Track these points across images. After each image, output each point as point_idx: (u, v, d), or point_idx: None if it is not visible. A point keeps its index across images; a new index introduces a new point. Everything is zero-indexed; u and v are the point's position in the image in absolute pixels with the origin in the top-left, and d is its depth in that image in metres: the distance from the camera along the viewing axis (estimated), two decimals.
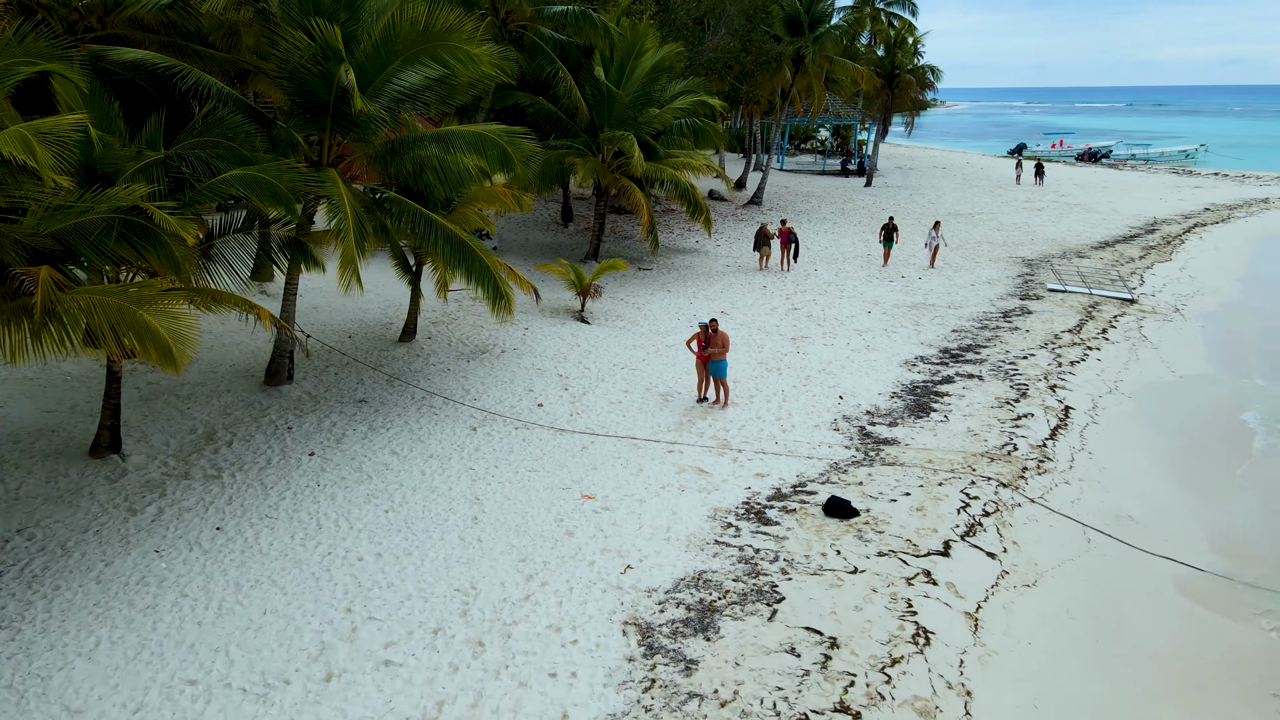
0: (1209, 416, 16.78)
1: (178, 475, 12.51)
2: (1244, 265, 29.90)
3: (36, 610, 9.43)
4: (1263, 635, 10.19)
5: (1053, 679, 9.00)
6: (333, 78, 12.86)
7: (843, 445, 14.44)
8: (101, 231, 10.12)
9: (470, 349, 18.42)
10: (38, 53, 10.34)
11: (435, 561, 10.69)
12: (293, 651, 8.99)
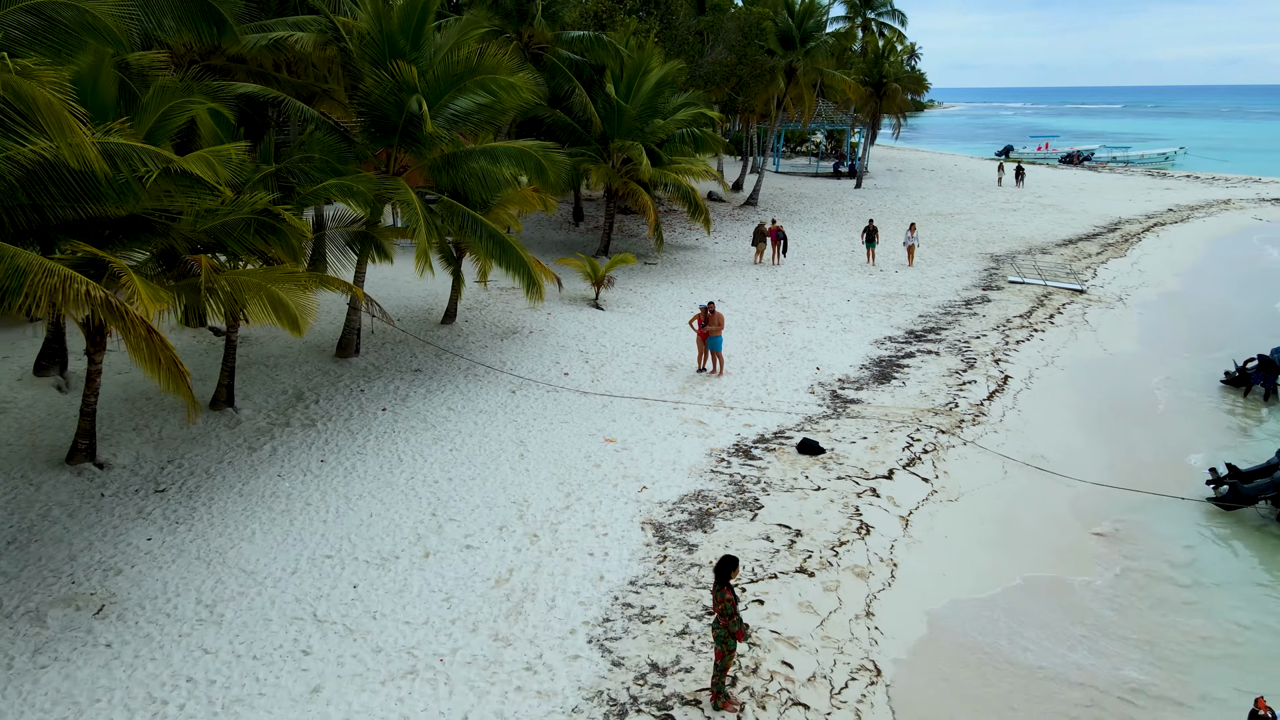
0: (1126, 385, 19.92)
1: (280, 424, 15.65)
2: (1191, 261, 33.04)
3: (200, 514, 12.58)
4: (1109, 525, 13.40)
5: (958, 557, 12.18)
6: (404, 105, 16.00)
7: (816, 404, 17.61)
8: (242, 228, 13.26)
9: (502, 330, 21.55)
10: (193, 92, 13.48)
11: (494, 484, 13.83)
12: (397, 539, 12.14)
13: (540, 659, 9.70)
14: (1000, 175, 54.51)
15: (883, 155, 72.45)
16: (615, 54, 26.86)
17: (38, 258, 9.44)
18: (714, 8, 39.62)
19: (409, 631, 10.14)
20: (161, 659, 9.50)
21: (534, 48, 27.22)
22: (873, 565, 11.74)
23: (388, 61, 15.76)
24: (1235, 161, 73.05)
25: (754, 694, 9.23)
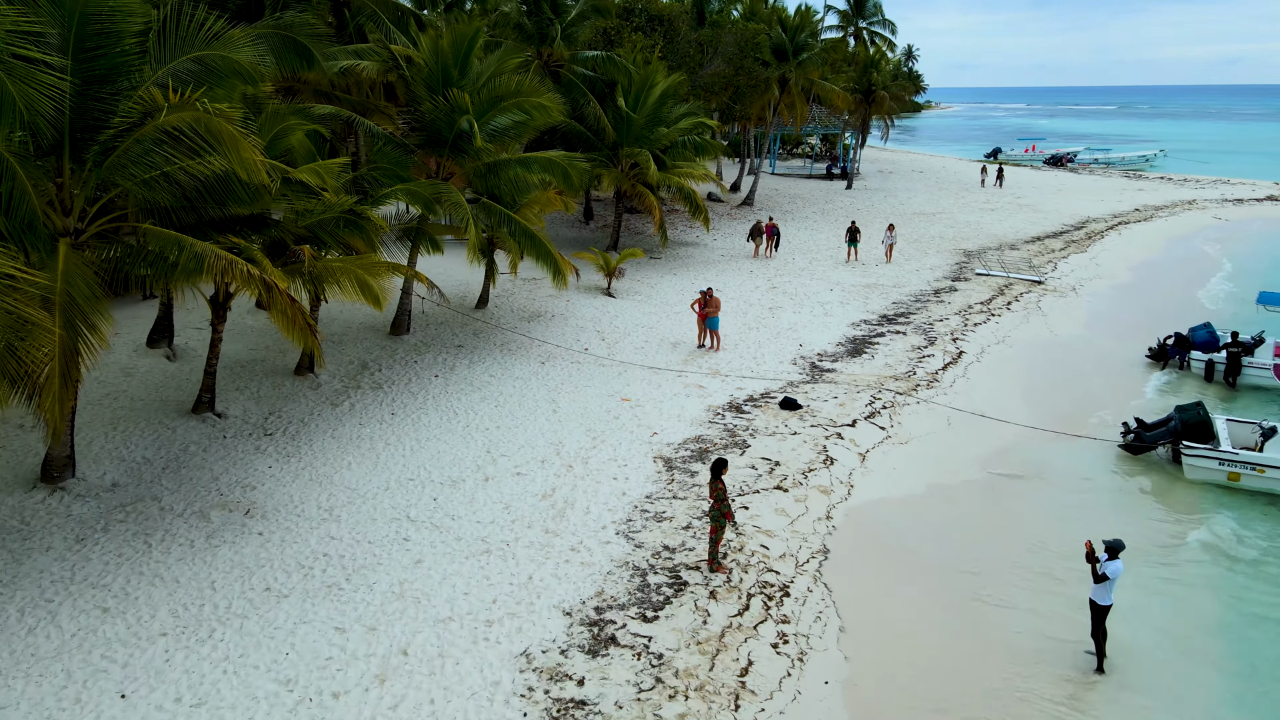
0: (1065, 360, 23.26)
1: (352, 387, 18.99)
2: (1145, 256, 36.35)
3: (304, 450, 15.91)
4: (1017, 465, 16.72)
5: (901, 480, 15.53)
6: (455, 123, 19.34)
7: (797, 373, 20.96)
8: (333, 224, 16.58)
9: (528, 314, 24.89)
10: (290, 114, 16.80)
11: (533, 430, 17.17)
12: (461, 468, 15.49)
13: (581, 544, 13.06)
14: (983, 177, 57.84)
15: (875, 157, 75.85)
16: (624, 71, 30.18)
17: (211, 245, 12.78)
18: (713, 24, 42.93)
19: (480, 528, 13.49)
20: (301, 542, 12.85)
21: (553, 65, 30.57)
22: (833, 485, 15.11)
23: (441, 87, 19.10)
24: (1213, 163, 76.30)
25: (739, 564, 12.59)
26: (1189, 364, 22.38)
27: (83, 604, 11.14)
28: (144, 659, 10.23)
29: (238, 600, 11.42)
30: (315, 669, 10.18)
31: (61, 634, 10.57)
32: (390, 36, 23.02)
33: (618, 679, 10.17)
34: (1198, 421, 16.63)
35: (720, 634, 11.10)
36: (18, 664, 10.04)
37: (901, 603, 12.30)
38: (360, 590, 11.76)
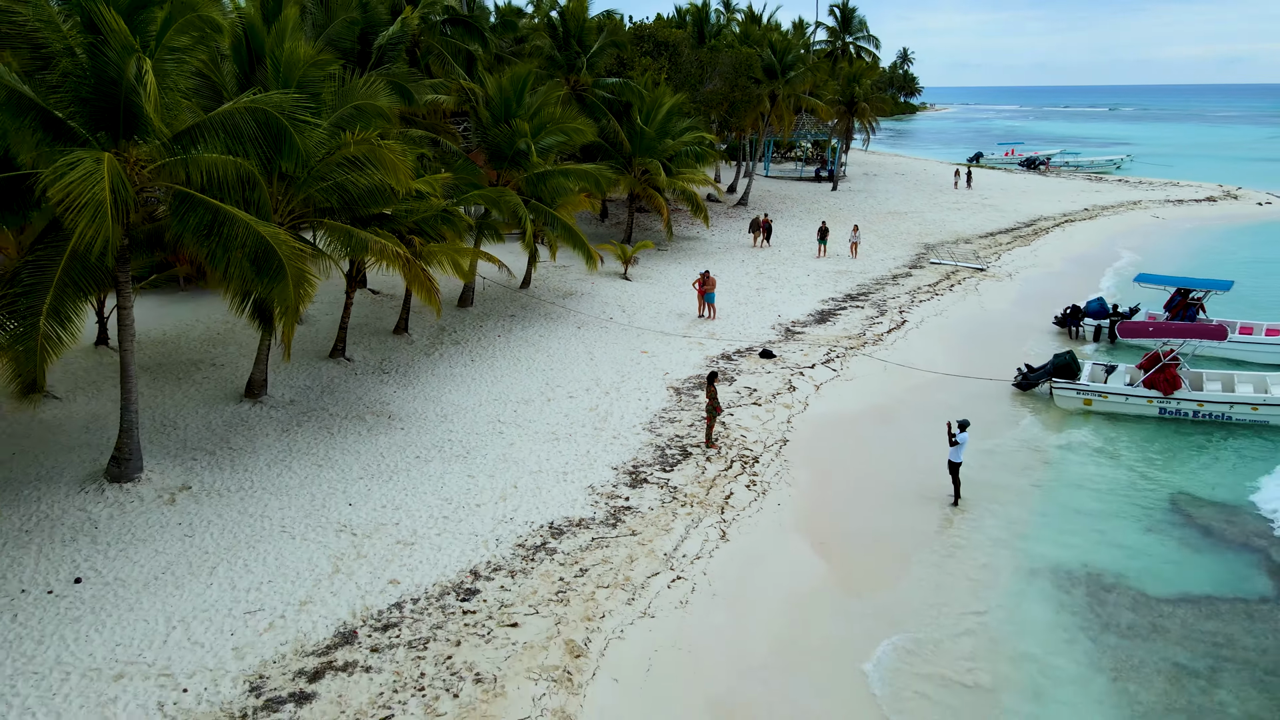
0: (988, 328, 29.43)
1: (437, 344, 25.21)
2: (1080, 250, 42.49)
3: (413, 383, 22.13)
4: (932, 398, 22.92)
5: (842, 403, 21.78)
6: (514, 143, 25.57)
7: (775, 335, 27.21)
8: (434, 220, 22.78)
9: (562, 292, 31.12)
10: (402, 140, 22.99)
11: (577, 371, 23.40)
12: (529, 393, 21.72)
13: (619, 435, 19.31)
14: (956, 180, 64.02)
15: (862, 160, 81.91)
16: (638, 93, 36.41)
17: (374, 234, 18.98)
18: (711, 47, 49.17)
19: (549, 426, 19.73)
20: (430, 434, 19.09)
21: (579, 90, 36.80)
22: (794, 404, 21.39)
23: (504, 116, 25.36)
24: (1176, 166, 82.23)
25: (726, 444, 18.85)
26: (1083, 328, 28.57)
27: (303, 462, 17.39)
28: (353, 489, 16.48)
29: (400, 462, 17.68)
30: (461, 494, 16.44)
31: (297, 477, 16.82)
32: (454, 73, 29.31)
33: (649, 497, 16.44)
34: (1065, 364, 22.84)
35: (713, 479, 17.37)
36: (275, 494, 16.26)
37: (832, 468, 18.51)
38: (477, 458, 18.01)
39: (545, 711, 10.95)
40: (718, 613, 13.41)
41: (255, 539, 14.61)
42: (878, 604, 13.94)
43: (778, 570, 14.71)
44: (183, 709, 10.77)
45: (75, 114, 14.04)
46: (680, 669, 12.10)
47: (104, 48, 13.53)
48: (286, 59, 18.03)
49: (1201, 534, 16.47)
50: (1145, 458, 19.79)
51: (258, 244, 14.64)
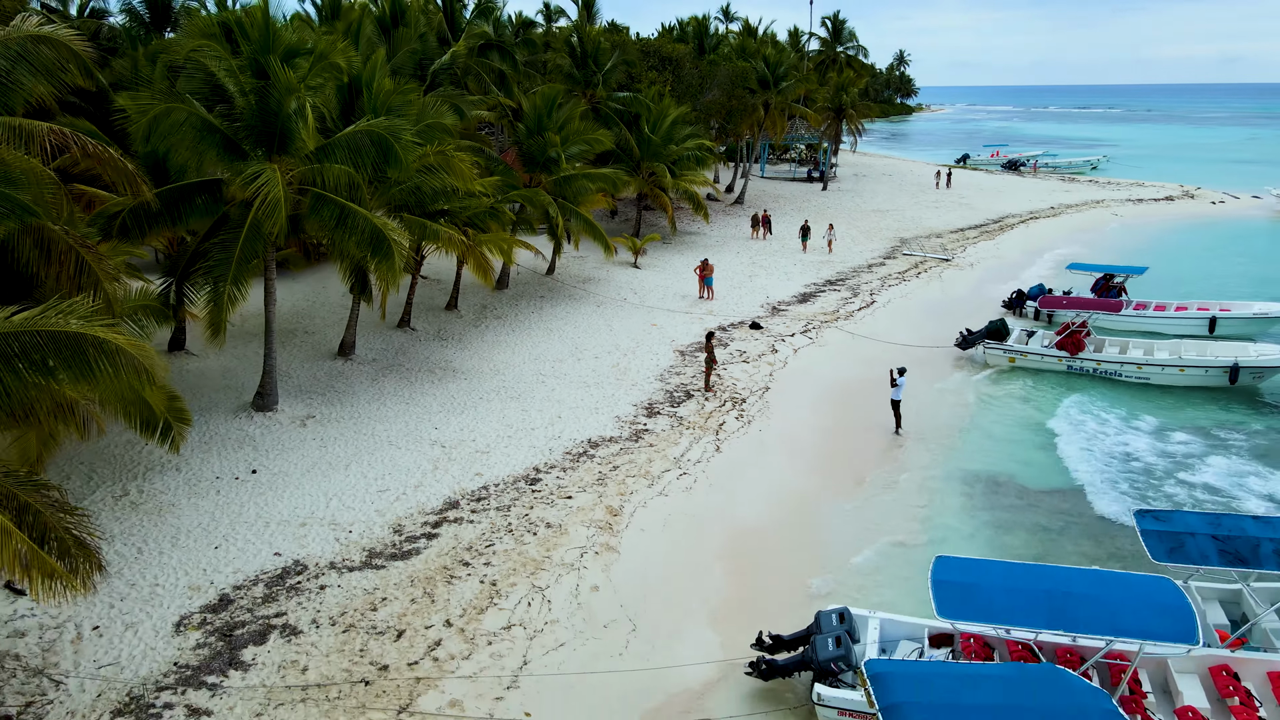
0: (946, 306, 34.62)
1: (482, 318, 30.41)
2: (1039, 244, 47.64)
3: (468, 346, 27.33)
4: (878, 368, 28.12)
5: (815, 362, 27.02)
6: (545, 151, 30.78)
7: (763, 312, 32.42)
8: (483, 214, 27.98)
9: (582, 278, 36.32)
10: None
11: (599, 338, 28.62)
12: (561, 355, 26.94)
13: (636, 383, 24.54)
14: (937, 180, 69.18)
15: (854, 162, 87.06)
16: (646, 106, 41.62)
17: (443, 225, 24.16)
18: (710, 62, 54.38)
19: (581, 377, 24.94)
20: (487, 382, 24.30)
21: (594, 102, 42.01)
22: (776, 362, 26.64)
23: (537, 129, 30.58)
24: (1146, 167, 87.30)
25: (720, 389, 24.09)
26: (1026, 308, 33.73)
27: (393, 400, 22.61)
28: (435, 418, 21.70)
29: (468, 401, 22.90)
30: (519, 421, 21.66)
31: (391, 411, 22.03)
32: (491, 91, 34.51)
33: (661, 424, 21.69)
34: (996, 329, 28.05)
35: (710, 413, 22.61)
36: (378, 421, 21.46)
37: (803, 408, 23.71)
38: (527, 399, 23.22)
39: (595, 544, 16.19)
40: (715, 496, 18.62)
41: (371, 449, 19.83)
42: (840, 495, 19.16)
43: (759, 474, 19.92)
44: (352, 540, 16.02)
45: (245, 137, 19.27)
46: (688, 527, 17.31)
47: (270, 89, 18.75)
48: (378, 89, 23.23)
49: (1074, 450, 21.70)
50: (1048, 400, 25.03)
51: (373, 232, 19.84)
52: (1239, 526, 13.30)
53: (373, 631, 13.52)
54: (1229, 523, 13.47)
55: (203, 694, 12.11)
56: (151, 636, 13.22)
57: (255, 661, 12.79)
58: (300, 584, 14.70)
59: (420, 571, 15.15)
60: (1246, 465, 20.97)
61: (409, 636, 13.45)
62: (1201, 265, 42.90)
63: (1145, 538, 13.28)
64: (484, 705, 12.14)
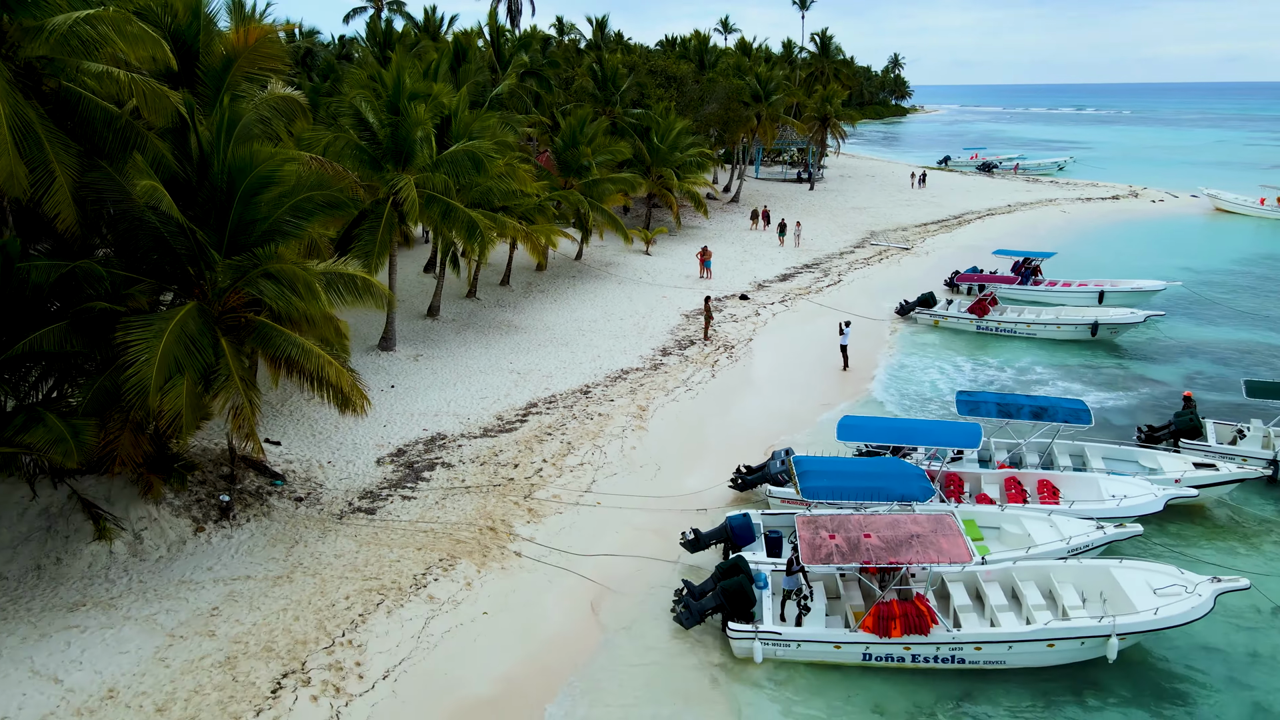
0: (898, 286, 42.93)
1: (529, 291, 38.77)
2: (992, 236, 55.90)
3: (521, 311, 35.70)
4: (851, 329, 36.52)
5: (788, 323, 35.42)
6: (579, 160, 39.14)
7: (750, 288, 40.82)
8: (532, 210, 36.28)
9: (603, 263, 44.68)
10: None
11: (622, 306, 36.98)
12: (594, 318, 35.32)
13: (653, 335, 32.95)
14: (912, 180, 77.46)
15: (841, 163, 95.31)
16: (655, 121, 49.96)
17: (506, 218, 32.50)
18: (710, 80, 62.77)
19: (611, 331, 33.31)
20: (540, 336, 32.67)
21: (612, 117, 50.37)
22: (758, 322, 35.06)
23: (573, 142, 38.96)
24: (1114, 168, 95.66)
25: (715, 339, 32.49)
26: (960, 286, 42.03)
27: (474, 346, 30.99)
28: (508, 356, 30.08)
29: (530, 346, 31.28)
30: (570, 358, 30.03)
31: (475, 352, 30.41)
32: (531, 111, 42.84)
33: (672, 360, 30.12)
34: (925, 299, 36.43)
35: (707, 354, 31.03)
36: (467, 359, 29.82)
37: (778, 353, 32.05)
38: (573, 346, 31.58)
39: (632, 424, 24.57)
40: (712, 404, 26.95)
41: (468, 375, 28.20)
42: (798, 405, 27.52)
43: (747, 395, 28.21)
44: (471, 422, 24.41)
45: (382, 155, 27.63)
46: (694, 419, 25.62)
47: (402, 121, 27.12)
48: (462, 118, 31.58)
49: (962, 379, 30.05)
50: (959, 349, 33.40)
51: (469, 222, 28.18)
52: (1014, 399, 21.77)
53: (498, 464, 21.94)
54: (1008, 397, 21.95)
55: (405, 490, 20.51)
56: (363, 467, 21.63)
57: (430, 478, 21.20)
58: (445, 444, 23.10)
59: (521, 438, 23.57)
60: (1077, 384, 29.42)
61: (521, 467, 21.86)
62: (1118, 252, 51.25)
63: (958, 404, 21.80)
64: (571, 498, 20.53)
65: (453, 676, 14.47)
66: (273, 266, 16.97)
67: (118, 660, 14.27)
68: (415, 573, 17.11)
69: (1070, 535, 18.14)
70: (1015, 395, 22.53)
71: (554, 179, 39.77)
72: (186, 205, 16.96)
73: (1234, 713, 14.50)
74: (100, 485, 17.87)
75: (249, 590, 16.34)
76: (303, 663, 14.40)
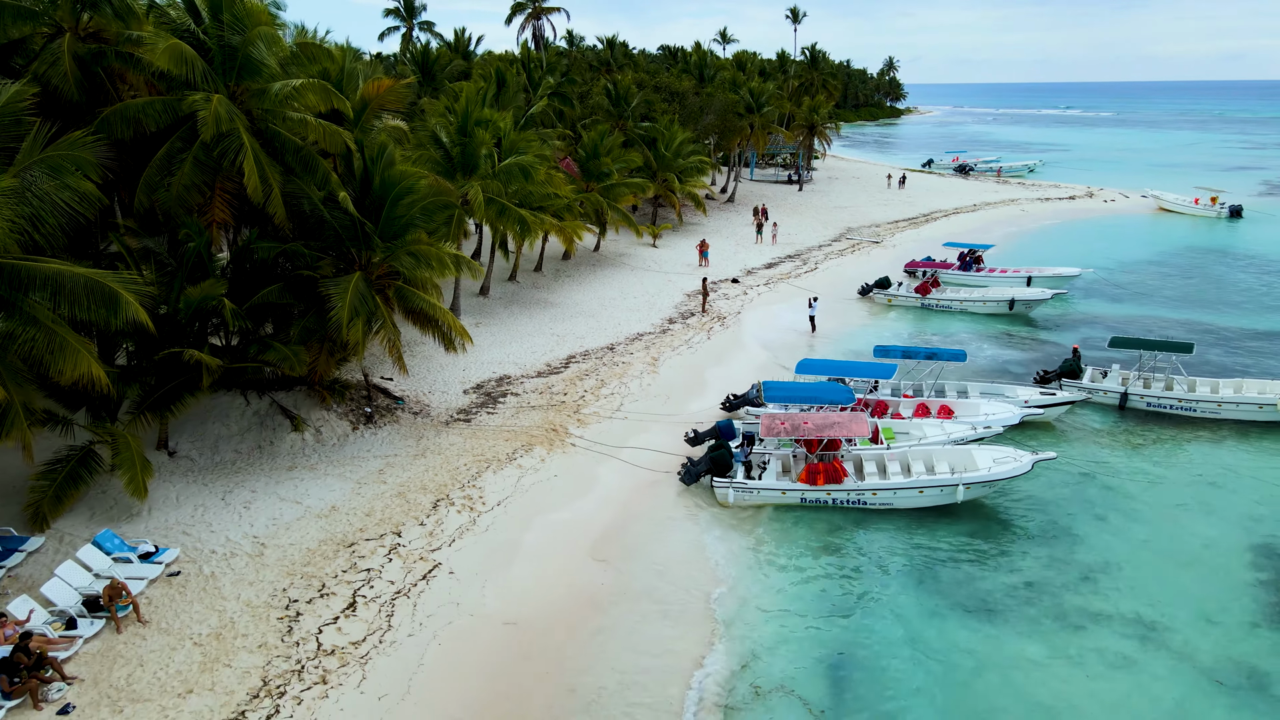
0: (866, 273, 51.25)
1: (559, 278, 47.15)
2: (955, 231, 64.13)
3: (554, 292, 44.10)
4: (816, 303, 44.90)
5: (772, 300, 43.83)
6: (600, 167, 47.49)
7: (741, 273, 49.20)
8: (563, 209, 44.59)
9: (618, 254, 53.02)
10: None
11: (635, 287, 45.35)
12: (612, 296, 43.71)
13: (661, 309, 41.34)
14: (889, 181, 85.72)
15: (830, 165, 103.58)
16: (661, 133, 58.30)
17: (544, 215, 40.85)
18: (708, 94, 71.14)
19: (627, 305, 41.67)
20: (570, 309, 41.04)
21: (624, 130, 58.71)
22: (746, 300, 43.45)
23: (594, 154, 47.35)
24: (1084, 170, 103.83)
25: (712, 312, 40.91)
26: (918, 272, 50.34)
27: (520, 316, 39.37)
28: (549, 324, 38.46)
29: (564, 316, 39.68)
30: (597, 325, 38.40)
31: (521, 320, 38.78)
32: (555, 124, 51.20)
33: (676, 327, 38.54)
34: (881, 281, 44.81)
35: (705, 323, 39.43)
36: (519, 322, 38.20)
37: (760, 323, 40.35)
38: (597, 316, 39.94)
39: (647, 370, 32.96)
40: (708, 358, 35.28)
41: (518, 336, 36.54)
42: (780, 358, 35.84)
43: (736, 351, 36.50)
44: (527, 367, 32.81)
45: (454, 168, 35.98)
46: (694, 367, 33.96)
47: (469, 142, 35.47)
48: (508, 135, 39.91)
49: (897, 340, 38.43)
50: (906, 320, 41.76)
51: (521, 219, 36.51)
52: (913, 348, 30.26)
53: (552, 393, 30.34)
54: (909, 347, 30.46)
55: (488, 409, 28.90)
56: (455, 395, 30.02)
57: (505, 401, 29.59)
58: (510, 382, 31.49)
59: (566, 377, 31.97)
60: (993, 347, 37.86)
61: (569, 395, 30.25)
62: (1061, 245, 59.57)
63: (874, 353, 30.34)
64: (606, 414, 28.88)
65: (538, 506, 22.85)
66: (413, 247, 25.35)
67: (329, 493, 22.67)
68: (506, 452, 25.52)
69: (950, 434, 26.53)
70: (913, 345, 31.07)
71: (578, 183, 48.08)
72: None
73: (1035, 526, 22.85)
74: (289, 397, 26.29)
75: (399, 462, 24.75)
76: (447, 494, 22.82)
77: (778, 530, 22.71)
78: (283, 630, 17.21)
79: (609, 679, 16.64)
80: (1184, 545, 21.89)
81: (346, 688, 15.84)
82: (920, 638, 18.21)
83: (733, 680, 16.88)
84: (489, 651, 17.15)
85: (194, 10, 23.97)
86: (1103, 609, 19.20)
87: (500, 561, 20.22)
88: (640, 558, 20.91)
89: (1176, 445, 27.92)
